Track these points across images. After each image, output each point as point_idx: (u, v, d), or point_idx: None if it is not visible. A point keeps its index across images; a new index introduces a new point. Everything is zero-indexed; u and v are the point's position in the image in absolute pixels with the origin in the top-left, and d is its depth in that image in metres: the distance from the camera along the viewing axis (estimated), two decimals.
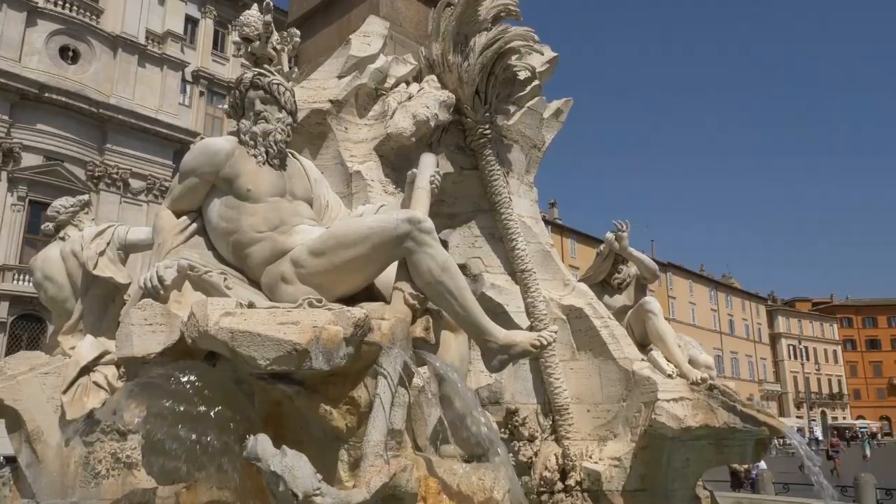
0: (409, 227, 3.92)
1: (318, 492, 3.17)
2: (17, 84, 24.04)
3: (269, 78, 4.39)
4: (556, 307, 7.18)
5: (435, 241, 3.97)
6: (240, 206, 4.19)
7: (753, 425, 6.25)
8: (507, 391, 6.92)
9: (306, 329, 3.55)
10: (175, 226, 4.30)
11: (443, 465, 4.21)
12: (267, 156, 4.30)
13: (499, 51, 6.81)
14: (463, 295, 3.99)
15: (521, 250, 7.09)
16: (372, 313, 3.96)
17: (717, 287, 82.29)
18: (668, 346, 7.19)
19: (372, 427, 3.59)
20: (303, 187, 4.50)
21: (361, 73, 6.18)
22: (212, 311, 3.67)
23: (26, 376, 6.11)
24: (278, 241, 4.15)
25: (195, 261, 4.13)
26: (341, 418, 3.73)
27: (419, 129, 6.01)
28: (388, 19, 7.40)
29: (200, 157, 4.24)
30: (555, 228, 59.05)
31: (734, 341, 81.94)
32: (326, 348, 3.55)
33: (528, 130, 7.78)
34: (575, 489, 6.63)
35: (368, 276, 4.09)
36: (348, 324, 3.60)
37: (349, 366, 3.73)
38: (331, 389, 3.74)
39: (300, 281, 4.04)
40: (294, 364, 3.51)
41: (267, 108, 4.36)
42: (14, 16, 25.16)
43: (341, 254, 3.97)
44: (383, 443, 3.56)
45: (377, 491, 3.26)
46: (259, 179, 4.22)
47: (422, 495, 3.89)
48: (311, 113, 5.95)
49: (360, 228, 3.99)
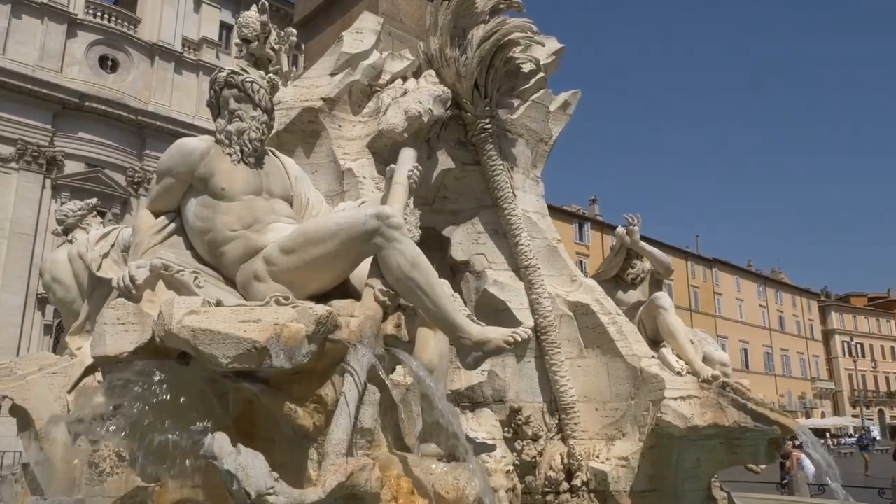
0: (378, 222, 3.85)
1: (272, 491, 3.13)
2: (59, 94, 24.88)
3: (242, 76, 4.38)
4: (562, 303, 7.02)
5: (404, 237, 3.90)
6: (215, 205, 4.19)
7: (765, 424, 5.99)
8: (512, 389, 6.79)
9: (267, 327, 3.51)
10: (152, 226, 4.33)
11: (421, 464, 4.12)
12: (242, 154, 4.28)
13: (497, 43, 6.69)
14: (434, 291, 3.91)
15: (524, 246, 6.95)
16: (341, 310, 3.91)
17: (766, 283, 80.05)
18: (678, 342, 6.97)
19: (335, 425, 3.53)
20: (281, 185, 4.47)
21: (354, 69, 6.14)
22: (177, 309, 3.67)
23: (35, 376, 6.25)
24: (252, 240, 4.13)
25: (170, 260, 4.14)
26: (308, 417, 3.69)
27: (411, 124, 5.93)
28: (388, 15, 7.36)
29: (176, 156, 4.25)
30: (595, 225, 58.25)
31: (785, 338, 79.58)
32: (288, 346, 3.51)
33: (533, 124, 7.63)
34: (581, 489, 6.46)
35: (339, 273, 4.04)
36: (310, 321, 3.56)
37: (314, 364, 3.69)
38: (296, 388, 3.70)
39: (272, 279, 4.02)
40: (254, 362, 3.48)
41: (241, 107, 4.35)
42: (55, 28, 26.06)
43: (311, 251, 3.93)
44: (346, 441, 3.50)
45: (332, 490, 3.20)
46: (233, 178, 4.21)
47: (392, 495, 3.81)
48: (303, 111, 5.94)
49: (328, 225, 3.95)
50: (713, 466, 6.46)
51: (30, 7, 25.61)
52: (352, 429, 3.57)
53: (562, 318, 7.00)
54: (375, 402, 3.86)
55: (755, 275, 79.15)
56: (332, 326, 3.67)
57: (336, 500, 3.37)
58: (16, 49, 24.89)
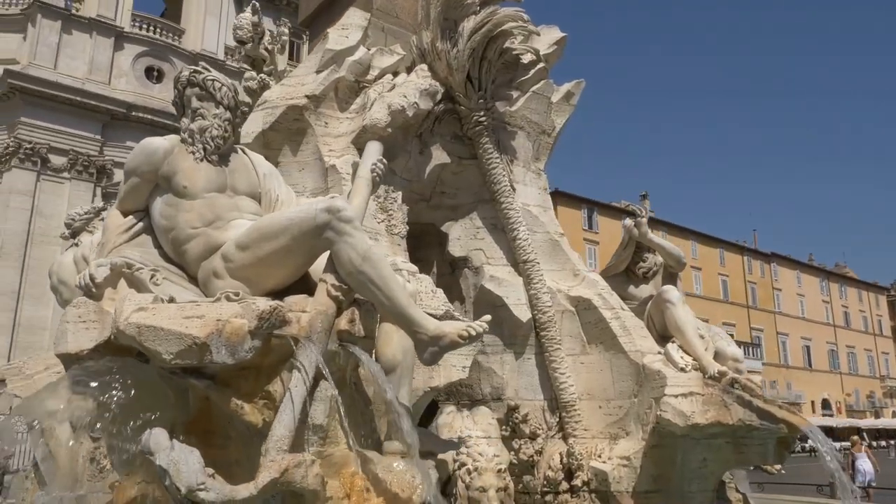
0: (329, 216, 3.80)
1: (202, 486, 3.11)
2: (108, 105, 25.80)
3: (203, 75, 4.38)
4: (563, 299, 6.84)
5: (356, 230, 3.83)
6: (177, 204, 4.21)
7: (771, 423, 5.70)
8: (510, 387, 6.65)
9: (209, 322, 3.50)
10: (119, 225, 4.37)
11: (382, 462, 4.05)
12: (205, 152, 4.29)
13: (489, 34, 6.56)
14: (387, 284, 3.83)
15: (522, 240, 6.80)
16: (293, 306, 3.87)
17: (829, 277, 76.79)
18: (686, 337, 6.69)
19: (277, 421, 3.49)
20: (247, 182, 4.46)
21: (339, 66, 6.11)
22: (126, 306, 3.70)
23: (42, 375, 6.45)
24: (212, 237, 4.13)
25: (133, 258, 4.18)
26: (257, 413, 3.67)
27: (395, 119, 5.87)
28: (383, 11, 7.31)
29: (140, 156, 4.29)
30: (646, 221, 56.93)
31: (850, 334, 76.20)
32: (230, 341, 3.49)
33: (534, 116, 7.47)
34: (582, 490, 6.28)
35: (294, 268, 4.00)
36: (253, 316, 3.53)
37: (260, 359, 3.66)
38: (243, 384, 3.68)
39: (230, 275, 4.00)
40: (195, 358, 3.48)
41: (203, 105, 4.35)
42: (103, 42, 27.04)
43: (264, 246, 3.91)
44: (287, 437, 3.46)
45: (265, 487, 3.15)
46: (195, 176, 4.22)
47: (346, 492, 3.76)
48: (288, 109, 5.94)
49: (280, 220, 3.92)
50: (720, 466, 6.17)
51: (79, 23, 26.68)
52: (296, 425, 3.52)
53: (563, 313, 6.82)
54: (328, 399, 3.80)
55: (817, 269, 76.01)
56: (278, 322, 3.63)
57: (274, 496, 3.33)
58: (66, 63, 25.97)
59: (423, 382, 5.12)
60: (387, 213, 5.90)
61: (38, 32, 25.87)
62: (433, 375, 5.15)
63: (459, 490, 5.71)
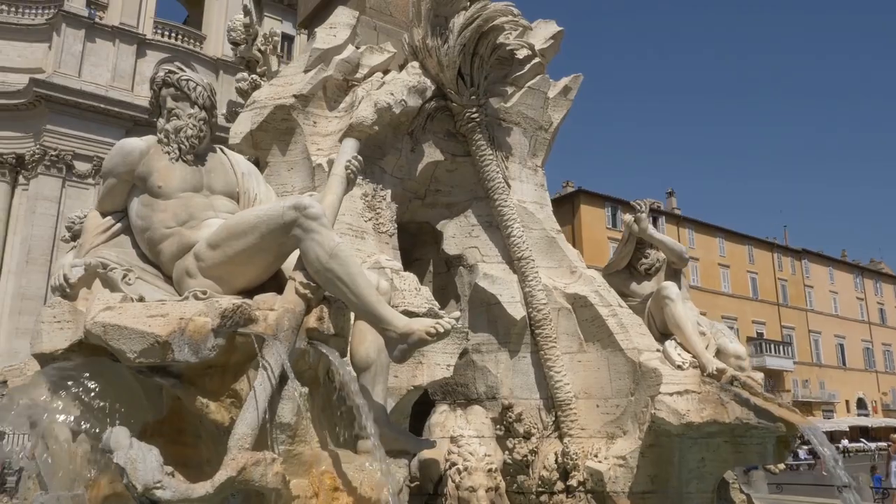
0: (296, 213, 3.78)
1: (159, 485, 3.10)
2: (131, 111, 26.19)
3: (178, 74, 4.40)
4: (559, 296, 6.75)
5: (323, 227, 3.80)
6: (153, 203, 4.23)
7: (769, 421, 5.55)
8: (505, 386, 6.58)
9: (171, 321, 3.50)
10: (98, 226, 4.41)
11: (355, 461, 4.03)
12: (180, 152, 4.30)
13: (479, 30, 6.50)
14: (355, 281, 3.79)
15: (516, 237, 6.73)
16: (261, 304, 3.85)
17: (864, 273, 74.93)
18: (685, 334, 6.56)
19: (240, 420, 3.47)
20: (224, 181, 4.46)
21: (327, 65, 6.10)
22: (94, 306, 3.72)
23: None
24: (185, 236, 4.14)
25: (109, 258, 4.20)
26: (223, 411, 3.66)
27: (381, 116, 5.84)
28: (376, 10, 7.31)
29: (116, 157, 4.32)
30: (670, 219, 56.13)
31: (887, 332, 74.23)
32: (193, 340, 3.49)
33: (530, 111, 7.38)
34: (578, 490, 6.18)
35: (264, 266, 3.99)
36: (216, 315, 3.52)
37: (226, 357, 3.65)
38: (209, 382, 3.67)
39: (202, 274, 4.00)
40: (158, 356, 3.48)
41: (178, 105, 4.36)
42: (126, 49, 27.52)
43: (233, 244, 3.90)
44: (250, 436, 3.44)
45: (222, 485, 3.14)
46: (170, 176, 4.23)
47: (314, 491, 3.75)
48: (276, 109, 5.95)
49: (249, 218, 3.91)
50: (719, 466, 6.03)
51: (102, 31, 27.18)
52: (259, 423, 3.50)
53: (559, 311, 6.73)
54: (295, 397, 3.78)
55: (851, 265, 74.20)
56: (242, 320, 3.61)
57: (234, 495, 3.32)
58: (90, 71, 26.48)
59: (407, 381, 5.09)
60: (375, 212, 5.88)
61: (62, 41, 26.42)
62: (416, 374, 5.11)
63: (449, 489, 5.67)
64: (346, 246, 3.87)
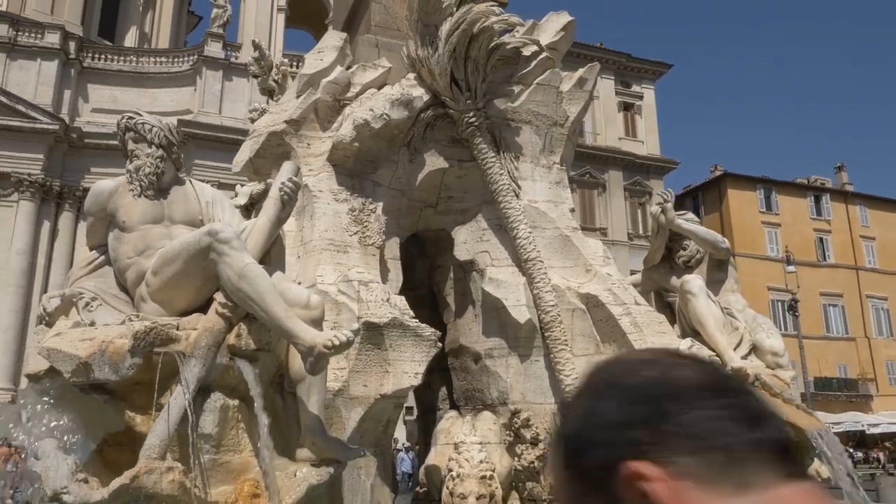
0: (210, 239, 4.08)
1: (65, 490, 3.52)
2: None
3: (135, 119, 4.86)
4: (573, 296, 6.53)
5: (233, 250, 4.06)
6: (120, 237, 4.72)
7: None
8: (515, 390, 6.46)
9: (94, 344, 3.92)
10: (83, 259, 4.99)
11: (290, 468, 4.23)
12: (141, 188, 4.76)
13: (466, 34, 6.48)
14: (263, 299, 4.01)
15: (522, 239, 6.59)
16: (186, 324, 4.19)
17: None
18: (707, 330, 6.13)
19: (151, 431, 3.81)
20: (184, 211, 4.87)
21: (316, 88, 6.38)
22: (49, 332, 4.25)
23: None
24: (142, 265, 4.57)
25: (87, 288, 4.75)
26: (150, 423, 4.01)
27: (360, 133, 6.01)
28: (382, 26, 7.51)
29: (91, 198, 4.87)
30: (836, 196, 50.71)
31: None
32: (112, 360, 3.88)
33: (541, 108, 7.19)
34: None
35: (195, 289, 4.31)
36: (131, 336, 3.90)
37: (147, 374, 4.01)
38: (137, 397, 4.05)
39: (151, 299, 4.42)
40: (83, 376, 3.91)
41: (138, 147, 4.83)
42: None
43: (166, 270, 4.27)
44: (158, 446, 3.75)
45: (115, 491, 3.48)
46: (132, 211, 4.70)
47: (235, 497, 4.00)
48: (269, 136, 6.33)
49: (174, 246, 4.26)
50: None
51: (237, 69, 29.86)
52: (170, 434, 3.81)
53: (574, 312, 6.51)
54: (216, 409, 4.06)
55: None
56: (158, 340, 3.96)
57: (137, 500, 3.64)
58: (229, 107, 29.23)
59: (375, 390, 5.20)
60: (362, 225, 6.06)
61: (203, 83, 29.37)
62: (383, 383, 5.21)
63: (444, 496, 5.70)
64: (256, 266, 4.09)
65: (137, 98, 29.01)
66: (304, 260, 5.83)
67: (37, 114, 27.30)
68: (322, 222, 5.89)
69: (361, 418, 5.15)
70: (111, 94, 29.52)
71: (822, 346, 43.38)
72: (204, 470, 4.00)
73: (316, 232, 5.86)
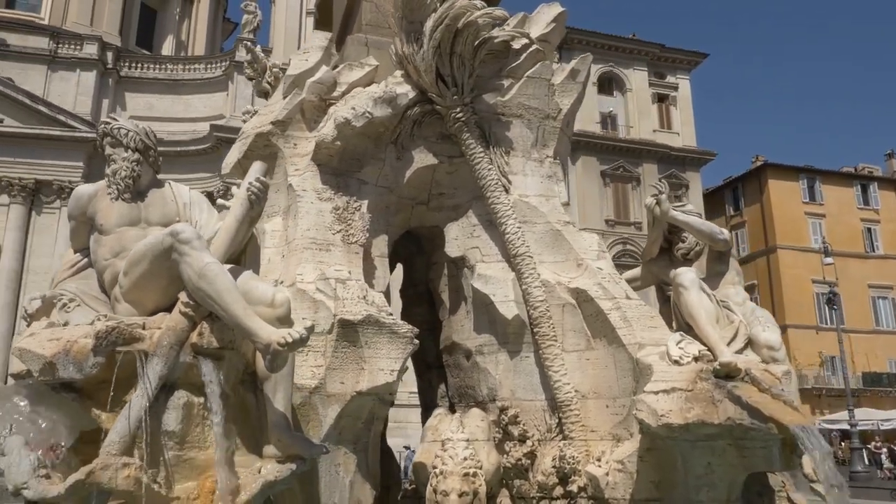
0: (171, 239, 4.16)
1: (25, 486, 3.64)
2: None
3: (111, 125, 4.98)
4: (564, 291, 6.44)
5: (193, 250, 4.13)
6: (99, 239, 4.85)
7: (760, 421, 4.90)
8: (505, 387, 6.41)
9: (60, 343, 4.04)
10: (67, 262, 5.14)
11: (256, 464, 4.28)
12: (118, 192, 4.88)
13: (450, 29, 6.44)
14: (222, 298, 4.07)
15: (511, 234, 6.54)
16: (152, 324, 4.29)
17: None
18: (699, 324, 5.95)
19: (112, 428, 3.90)
20: (160, 213, 4.96)
21: (301, 89, 6.43)
22: (25, 332, 4.40)
23: None
24: (116, 266, 4.69)
25: (68, 290, 4.88)
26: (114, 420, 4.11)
27: (341, 132, 6.04)
28: (373, 25, 7.53)
29: (72, 202, 5.01)
30: (885, 185, 48.83)
31: None
32: (76, 359, 4.00)
33: (533, 102, 7.11)
34: (579, 496, 5.88)
35: (161, 288, 4.39)
36: (93, 336, 4.00)
37: (110, 373, 4.10)
38: (103, 395, 4.15)
39: (123, 299, 4.53)
40: (49, 374, 4.03)
41: (115, 151, 4.94)
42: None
43: (134, 271, 4.38)
44: (118, 443, 3.85)
45: (71, 486, 3.58)
46: (109, 214, 4.82)
47: (197, 493, 4.07)
48: (256, 137, 6.41)
49: (140, 247, 4.35)
50: (729, 472, 5.34)
51: None
52: (131, 431, 3.90)
53: (564, 307, 6.43)
54: (180, 407, 4.14)
55: None
56: (121, 339, 4.06)
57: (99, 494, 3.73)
58: None
59: (351, 387, 5.22)
60: (346, 223, 6.09)
61: (235, 88, 29.96)
62: (359, 380, 5.23)
63: (428, 493, 5.69)
64: (215, 265, 4.15)
65: (172, 105, 29.81)
66: (287, 259, 5.89)
67: (76, 123, 28.26)
68: (305, 221, 5.94)
69: (338, 415, 5.18)
70: (147, 101, 30.38)
71: (871, 339, 41.96)
72: (169, 466, 4.08)
73: (299, 231, 5.91)
